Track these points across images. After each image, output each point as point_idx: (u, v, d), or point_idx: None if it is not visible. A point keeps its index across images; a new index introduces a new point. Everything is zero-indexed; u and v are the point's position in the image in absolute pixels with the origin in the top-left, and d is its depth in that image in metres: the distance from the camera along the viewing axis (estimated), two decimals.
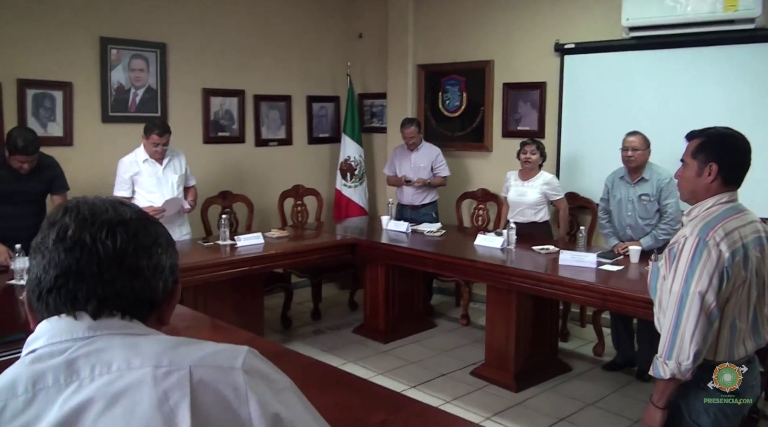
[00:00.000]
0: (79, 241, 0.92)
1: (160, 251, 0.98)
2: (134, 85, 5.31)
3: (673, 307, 2.09)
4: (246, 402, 0.88)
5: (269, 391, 0.92)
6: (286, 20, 6.32)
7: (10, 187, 4.03)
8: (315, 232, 5.62)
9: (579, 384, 4.39)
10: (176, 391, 0.86)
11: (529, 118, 5.76)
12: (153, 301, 0.98)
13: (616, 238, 4.50)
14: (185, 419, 0.84)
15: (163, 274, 0.98)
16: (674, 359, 2.07)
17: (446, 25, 6.20)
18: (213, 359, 0.91)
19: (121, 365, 0.87)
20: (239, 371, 0.90)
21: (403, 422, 1.98)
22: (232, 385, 0.89)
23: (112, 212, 0.96)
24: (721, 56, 4.61)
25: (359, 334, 5.30)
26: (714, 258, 2.04)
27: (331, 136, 6.87)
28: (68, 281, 0.92)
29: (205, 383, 0.87)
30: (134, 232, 0.95)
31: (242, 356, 0.92)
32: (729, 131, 2.22)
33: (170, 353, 0.90)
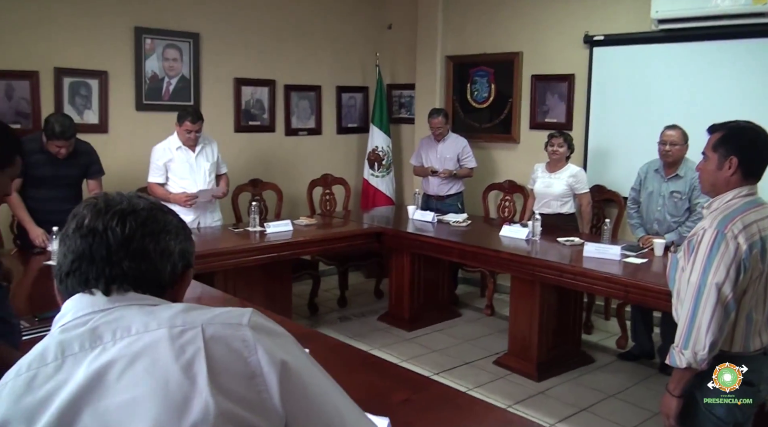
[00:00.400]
0: (92, 229, 1.03)
1: (168, 237, 1.08)
2: (168, 74, 5.43)
3: (691, 297, 2.12)
4: (254, 352, 0.96)
5: (274, 343, 1.00)
6: (317, 11, 6.40)
7: (49, 171, 4.15)
8: (342, 220, 5.71)
9: (601, 376, 4.43)
10: (191, 345, 0.95)
11: (557, 111, 5.77)
12: (160, 282, 1.07)
13: (642, 230, 4.50)
14: (202, 369, 0.93)
15: (171, 258, 1.08)
16: (690, 348, 2.11)
17: (475, 16, 6.22)
18: (221, 317, 1.00)
19: (139, 328, 0.97)
20: (246, 327, 0.98)
21: (425, 402, 2.05)
22: (240, 338, 0.97)
23: (125, 204, 1.07)
24: (751, 49, 4.57)
25: (384, 321, 5.39)
26: (732, 250, 2.07)
27: (359, 126, 6.95)
28: (81, 264, 1.03)
29: (217, 337, 0.96)
30: (143, 220, 1.05)
31: (247, 315, 1.01)
32: (750, 125, 2.24)
33: (183, 315, 0.99)
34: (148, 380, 0.92)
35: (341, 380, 1.17)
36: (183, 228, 1.12)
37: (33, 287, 3.43)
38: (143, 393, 0.92)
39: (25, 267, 3.75)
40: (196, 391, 0.92)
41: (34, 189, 4.10)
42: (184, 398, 0.91)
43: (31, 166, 4.00)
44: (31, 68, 4.79)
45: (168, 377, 0.92)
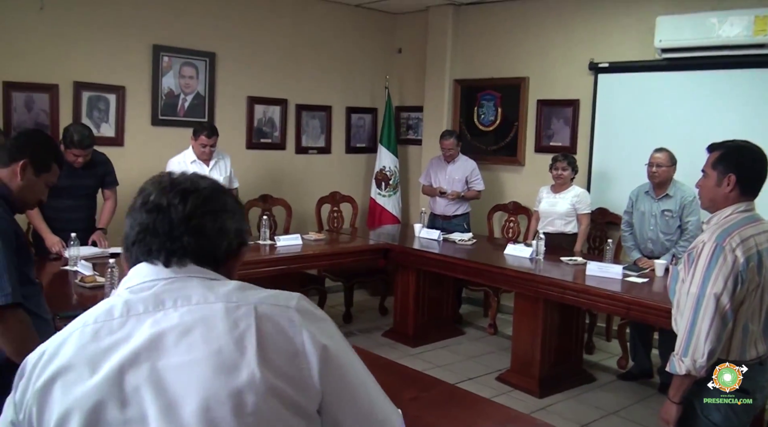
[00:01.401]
0: (157, 205, 1.13)
1: (226, 216, 1.17)
2: (183, 91, 5.58)
3: (690, 307, 2.22)
4: (300, 332, 1.06)
5: (317, 327, 1.09)
6: (329, 34, 6.58)
7: (66, 181, 4.23)
8: (350, 237, 5.82)
9: (602, 394, 4.49)
10: (244, 320, 1.05)
11: (561, 135, 5.91)
12: (216, 257, 1.16)
13: (638, 251, 4.61)
14: (252, 342, 1.03)
15: (227, 235, 1.16)
16: (689, 356, 2.20)
17: (484, 41, 6.39)
18: (272, 299, 1.10)
19: (199, 299, 1.07)
20: (293, 310, 1.08)
21: (433, 400, 2.15)
22: (288, 319, 1.07)
23: (188, 183, 1.17)
24: (752, 79, 4.71)
25: (389, 337, 5.47)
26: (730, 263, 2.17)
27: (368, 146, 7.09)
28: (146, 237, 1.13)
29: (267, 315, 1.06)
30: (204, 198, 1.15)
31: (295, 299, 1.11)
32: (747, 144, 2.36)
33: (238, 292, 1.09)
34: (203, 347, 1.02)
35: None
36: (239, 209, 1.22)
37: (51, 289, 3.53)
38: (197, 358, 1.02)
39: (42, 272, 3.86)
40: (245, 361, 1.01)
41: (52, 198, 4.15)
42: (234, 365, 1.01)
43: None
44: (52, 81, 4.93)
45: (221, 346, 1.02)
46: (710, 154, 2.38)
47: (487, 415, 2.07)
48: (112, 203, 4.54)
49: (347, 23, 6.73)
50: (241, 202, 1.26)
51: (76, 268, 3.80)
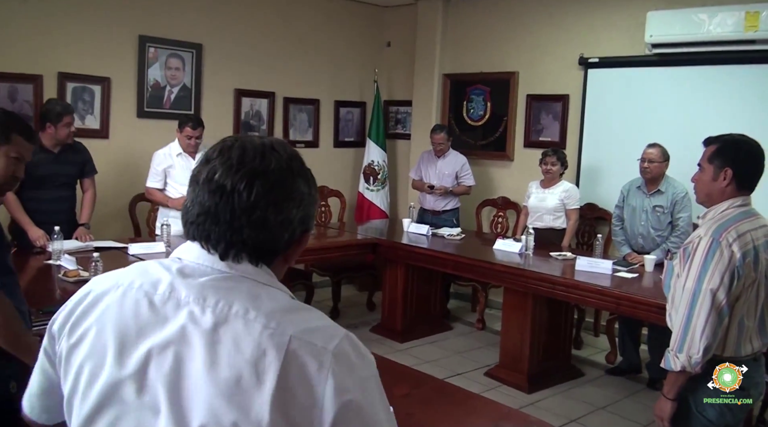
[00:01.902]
0: (221, 187, 1.03)
1: (292, 205, 1.06)
2: (170, 83, 5.51)
3: (686, 303, 2.19)
4: (324, 382, 0.96)
5: (350, 377, 0.99)
6: (318, 27, 6.52)
7: (48, 169, 4.22)
8: (338, 231, 5.78)
9: (590, 389, 4.49)
10: (272, 352, 0.96)
11: (551, 130, 5.89)
12: (275, 249, 1.08)
13: (628, 247, 4.61)
14: (271, 380, 0.95)
15: (290, 226, 1.07)
16: (685, 352, 2.17)
17: (473, 36, 6.36)
18: (311, 335, 1.00)
19: (240, 310, 1.00)
20: (329, 353, 0.98)
21: (424, 396, 2.11)
22: (318, 363, 0.97)
23: (258, 161, 1.04)
24: (742, 75, 4.71)
25: (377, 333, 5.43)
26: (726, 258, 2.14)
27: (356, 140, 7.05)
28: (206, 221, 1.05)
29: (297, 355, 0.97)
30: (270, 186, 1.04)
31: (337, 340, 1.00)
32: (744, 138, 2.34)
33: (280, 315, 1.01)
34: (226, 368, 0.97)
35: None
36: (309, 193, 1.10)
37: (34, 284, 3.46)
38: (217, 378, 0.96)
39: (25, 266, 3.79)
40: (259, 400, 0.95)
41: (33, 190, 4.15)
42: (247, 400, 0.95)
43: (32, 166, 4.03)
44: (36, 72, 4.84)
45: (242, 374, 0.96)
46: (706, 148, 2.35)
47: (479, 411, 2.04)
48: (91, 195, 4.49)
49: (336, 16, 6.67)
50: (313, 179, 1.13)
51: (60, 262, 3.73)
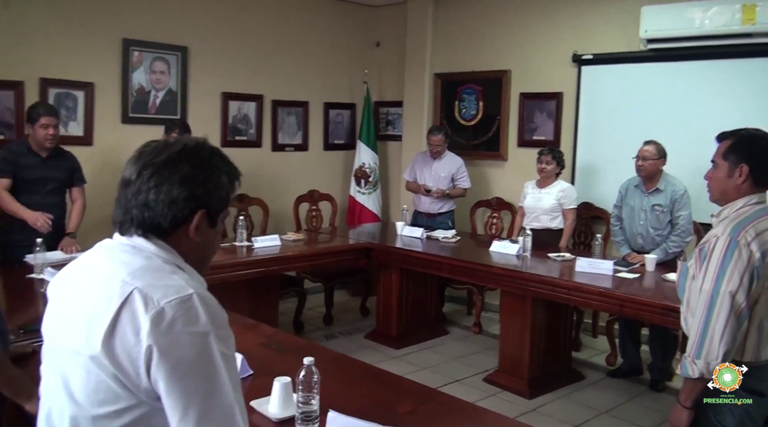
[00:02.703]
0: (124, 179, 1.31)
1: (173, 187, 1.26)
2: (155, 87, 5.37)
3: (703, 306, 2.09)
4: (146, 326, 1.16)
5: (167, 327, 1.17)
6: (306, 27, 6.40)
7: (38, 173, 4.16)
8: (329, 236, 5.65)
9: (592, 393, 4.39)
10: (116, 298, 1.20)
11: (544, 128, 5.80)
12: (162, 227, 1.28)
13: (627, 246, 4.52)
14: (108, 319, 1.19)
15: (173, 205, 1.27)
16: (703, 358, 2.07)
17: (464, 34, 6.26)
18: (153, 290, 1.21)
19: (114, 267, 1.27)
20: (159, 305, 1.18)
21: (431, 413, 2.00)
22: (146, 311, 1.18)
23: (151, 155, 1.29)
24: (739, 69, 4.64)
25: (371, 339, 5.32)
26: (745, 258, 2.05)
27: (346, 142, 6.93)
28: (116, 208, 1.32)
29: (134, 303, 1.19)
30: (152, 173, 1.27)
31: (173, 297, 1.20)
32: (760, 133, 2.24)
33: (141, 273, 1.24)
34: (89, 301, 1.26)
35: (344, 392, 1.14)
36: (194, 175, 1.28)
37: (15, 301, 3.31)
38: (82, 304, 1.27)
39: (6, 281, 3.64)
40: (98, 331, 1.20)
41: (25, 195, 4.11)
42: (92, 328, 1.21)
43: (21, 169, 4.10)
44: (17, 78, 4.69)
45: (95, 308, 1.23)
46: (720, 143, 2.25)
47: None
48: (81, 204, 4.37)
49: (324, 16, 6.55)
50: (217, 159, 1.35)
51: (43, 276, 3.57)
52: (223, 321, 1.25)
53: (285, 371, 2.06)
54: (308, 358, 1.91)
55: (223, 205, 1.35)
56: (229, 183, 1.35)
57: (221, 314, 1.25)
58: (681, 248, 4.33)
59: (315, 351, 2.52)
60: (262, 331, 2.81)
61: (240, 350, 2.27)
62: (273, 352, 2.52)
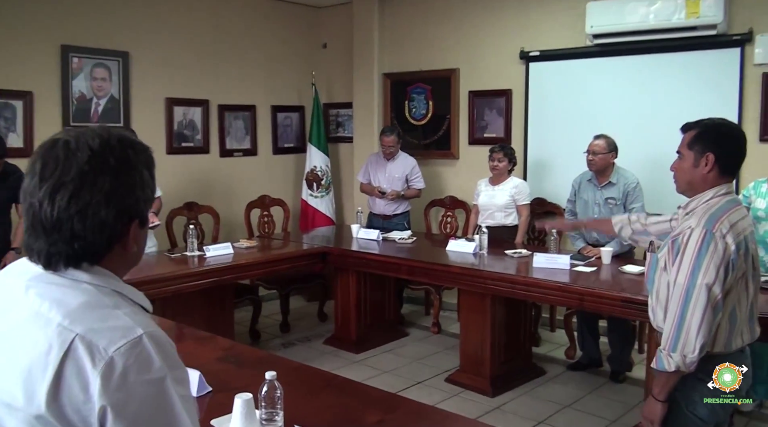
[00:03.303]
0: (31, 204, 1.10)
1: (99, 207, 1.08)
2: (96, 95, 5.17)
3: (679, 299, 2.07)
4: (95, 381, 1.02)
5: (121, 381, 1.02)
6: (250, 30, 6.27)
7: None
8: (282, 242, 5.55)
9: (554, 387, 4.41)
10: (56, 348, 1.03)
11: (495, 126, 5.81)
12: (97, 252, 1.11)
13: (582, 240, 4.56)
14: (51, 373, 1.02)
15: (105, 228, 1.10)
16: (679, 351, 2.05)
17: (411, 33, 6.23)
18: (97, 335, 1.04)
19: (44, 308, 1.08)
20: (107, 355, 1.03)
21: (399, 421, 1.94)
22: (93, 363, 1.02)
23: (58, 172, 1.08)
24: (684, 62, 4.73)
25: (330, 345, 5.23)
26: (721, 250, 2.04)
27: (296, 146, 6.82)
28: (29, 236, 1.12)
29: (77, 353, 1.03)
30: (70, 196, 1.07)
31: (122, 342, 1.04)
32: (725, 122, 2.24)
33: (79, 313, 1.06)
34: (23, 354, 1.06)
35: (309, 405, 1.07)
36: (119, 186, 1.11)
37: None
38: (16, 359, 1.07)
39: None
40: (41, 387, 1.03)
41: None
42: (33, 384, 1.04)
43: None
44: None
45: (33, 362, 1.05)
46: (685, 134, 2.24)
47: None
48: None
49: (269, 18, 6.44)
50: (130, 153, 1.15)
51: None
52: (176, 358, 1.13)
53: (245, 386, 1.98)
54: (270, 372, 1.83)
55: (152, 200, 1.20)
56: (150, 176, 1.19)
57: (172, 349, 1.12)
58: None
59: (275, 363, 2.45)
60: (218, 344, 2.71)
61: (197, 366, 2.19)
62: (231, 366, 2.42)
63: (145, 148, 1.20)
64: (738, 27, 4.49)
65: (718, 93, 4.56)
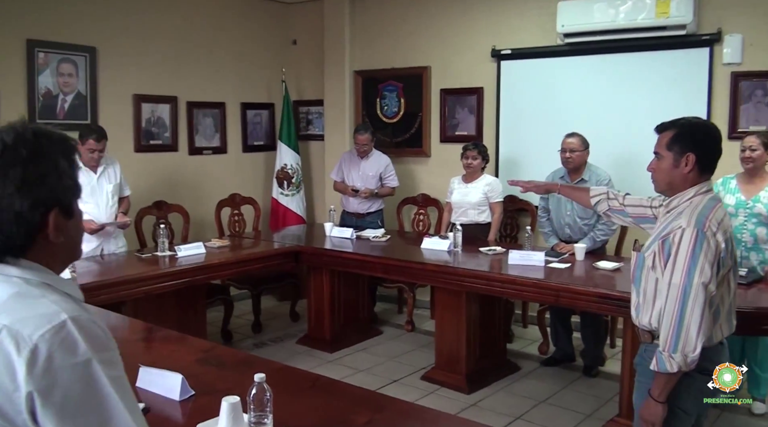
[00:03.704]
0: None
1: (13, 201, 1.09)
2: (63, 91, 5.04)
3: (676, 299, 2.08)
4: (22, 369, 1.03)
5: (46, 366, 1.03)
6: (220, 26, 6.19)
7: None
8: (253, 241, 5.49)
9: (529, 383, 4.44)
10: None
11: (466, 123, 5.83)
12: (16, 245, 1.12)
13: (555, 237, 4.60)
14: None
15: (21, 219, 1.10)
16: (680, 351, 2.06)
17: (383, 31, 6.21)
18: (23, 323, 1.06)
19: None
20: (31, 342, 1.04)
21: (388, 421, 1.93)
22: (18, 351, 1.04)
23: None
24: (654, 61, 4.80)
25: (304, 344, 5.20)
26: (713, 248, 2.06)
27: (266, 143, 6.75)
28: None
29: (4, 344, 1.04)
30: None
31: (46, 328, 1.05)
32: (701, 121, 2.28)
33: (7, 305, 1.08)
34: None
35: (296, 407, 1.05)
36: (31, 175, 1.10)
37: None
38: None
39: None
40: None
41: None
42: None
43: None
44: None
45: None
46: (661, 134, 2.26)
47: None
48: None
49: (238, 14, 6.36)
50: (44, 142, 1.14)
51: None
52: (105, 342, 1.12)
53: (229, 389, 1.94)
54: (259, 374, 1.80)
55: (73, 190, 1.19)
56: (69, 165, 1.17)
57: (102, 333, 1.12)
58: (608, 235, 4.45)
59: (256, 364, 2.41)
60: (197, 345, 2.66)
61: (177, 368, 2.15)
62: (212, 368, 2.38)
63: (64, 138, 1.19)
64: (707, 27, 4.58)
65: (687, 92, 4.64)
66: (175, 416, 2.00)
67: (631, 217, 2.60)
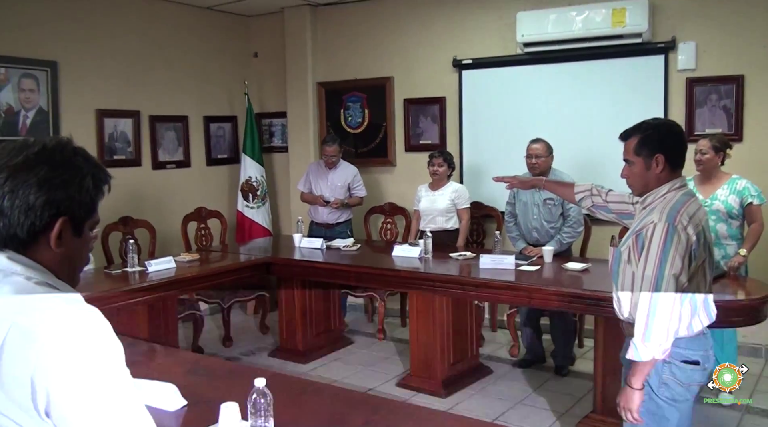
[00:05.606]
0: None
1: (29, 191, 1.14)
2: (24, 107, 4.95)
3: (648, 290, 2.17)
4: (28, 356, 1.07)
5: (57, 360, 1.07)
6: (181, 39, 6.16)
7: None
8: (221, 254, 5.46)
9: (503, 385, 4.52)
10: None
11: (430, 132, 5.92)
12: (19, 237, 1.16)
13: (523, 241, 4.70)
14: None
15: (30, 211, 1.15)
16: (653, 340, 2.15)
17: (345, 42, 6.27)
18: (27, 316, 1.10)
19: None
20: (33, 332, 1.08)
21: (386, 421, 1.97)
22: (25, 341, 1.08)
23: (6, 157, 1.16)
24: (611, 69, 4.97)
25: (276, 357, 5.18)
26: (684, 241, 2.16)
27: (230, 156, 6.73)
28: None
29: (14, 335, 1.09)
30: (7, 177, 1.14)
31: (45, 317, 1.10)
32: (661, 121, 2.39)
33: (13, 299, 1.12)
34: None
35: (293, 412, 1.08)
36: (51, 178, 1.15)
37: None
38: None
39: None
40: None
41: None
42: None
43: None
44: None
45: None
46: (626, 141, 2.35)
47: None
48: None
49: (199, 27, 6.34)
50: (80, 160, 1.20)
51: None
52: (111, 339, 1.16)
53: (221, 397, 1.94)
54: (259, 379, 1.82)
55: (89, 211, 1.23)
56: (94, 187, 1.22)
57: (106, 326, 1.16)
58: (574, 238, 4.57)
59: (247, 373, 2.42)
60: (183, 357, 2.66)
61: (167, 380, 2.15)
62: (202, 378, 2.38)
63: (101, 166, 1.25)
64: (662, 35, 4.77)
65: (644, 97, 4.82)
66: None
67: (614, 213, 2.70)
